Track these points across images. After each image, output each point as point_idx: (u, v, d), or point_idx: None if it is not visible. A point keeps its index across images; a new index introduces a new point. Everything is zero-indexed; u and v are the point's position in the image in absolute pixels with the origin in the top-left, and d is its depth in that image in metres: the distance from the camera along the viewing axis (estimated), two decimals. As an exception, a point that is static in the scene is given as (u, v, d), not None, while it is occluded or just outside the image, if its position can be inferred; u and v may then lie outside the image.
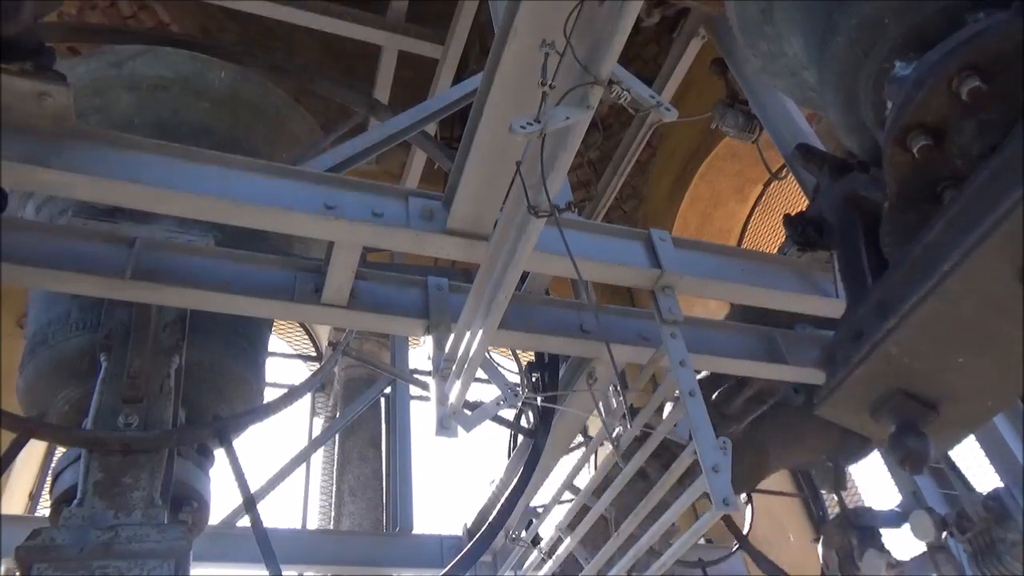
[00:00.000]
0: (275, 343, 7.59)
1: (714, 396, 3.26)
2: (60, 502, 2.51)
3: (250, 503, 2.85)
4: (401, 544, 4.51)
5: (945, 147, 1.52)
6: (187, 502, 2.72)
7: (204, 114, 3.55)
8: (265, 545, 2.69)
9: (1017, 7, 1.41)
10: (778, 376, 3.37)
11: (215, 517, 3.13)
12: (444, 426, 2.28)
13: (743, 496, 4.31)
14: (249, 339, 3.36)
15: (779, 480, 5.50)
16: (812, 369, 3.21)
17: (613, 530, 2.82)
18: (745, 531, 4.49)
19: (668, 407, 3.26)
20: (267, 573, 2.68)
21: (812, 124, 3.56)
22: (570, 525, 3.27)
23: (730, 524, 4.43)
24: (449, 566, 2.91)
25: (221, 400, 3.16)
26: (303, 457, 4.95)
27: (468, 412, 2.35)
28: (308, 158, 3.09)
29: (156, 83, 3.50)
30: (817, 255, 3.06)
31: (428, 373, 2.51)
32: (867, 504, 3.22)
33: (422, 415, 5.52)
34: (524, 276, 2.88)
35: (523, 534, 3.77)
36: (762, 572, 4.23)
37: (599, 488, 2.94)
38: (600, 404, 2.90)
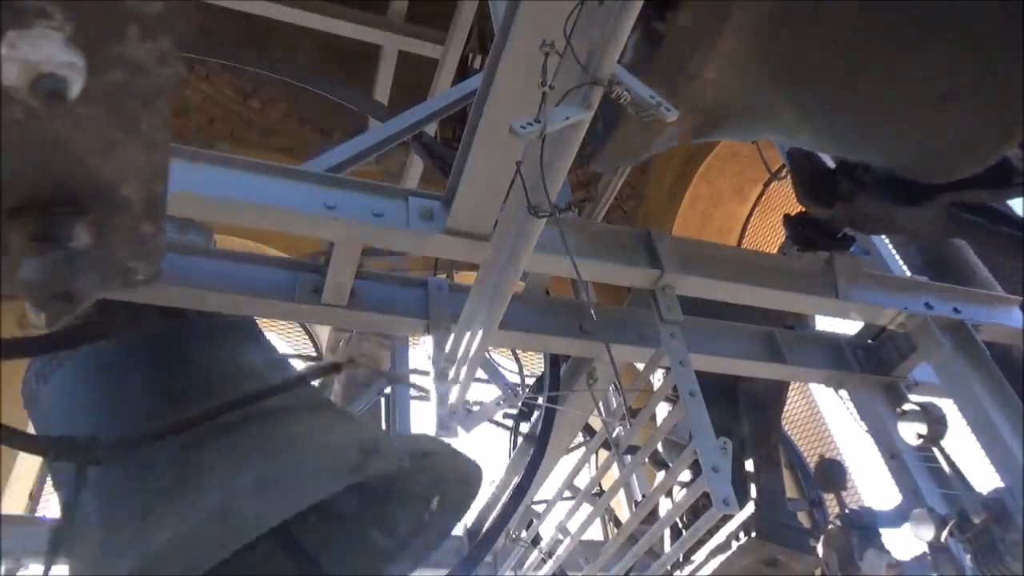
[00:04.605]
0: (275, 343, 7.57)
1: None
2: None
3: (250, 503, 2.84)
4: (401, 544, 4.49)
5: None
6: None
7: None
8: (265, 545, 2.68)
9: None
10: (778, 376, 3.38)
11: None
12: (444, 426, 2.28)
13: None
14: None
15: (779, 480, 5.48)
16: (813, 369, 3.22)
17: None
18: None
19: (665, 408, 3.26)
20: (267, 573, 2.68)
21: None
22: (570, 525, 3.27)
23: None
24: (451, 570, 2.91)
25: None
26: (303, 457, 4.92)
27: (468, 412, 2.35)
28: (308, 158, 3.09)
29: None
30: (817, 255, 3.06)
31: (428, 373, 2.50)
32: (867, 504, 3.21)
33: (422, 415, 5.51)
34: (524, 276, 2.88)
35: (523, 534, 3.76)
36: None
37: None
38: (600, 404, 2.90)
